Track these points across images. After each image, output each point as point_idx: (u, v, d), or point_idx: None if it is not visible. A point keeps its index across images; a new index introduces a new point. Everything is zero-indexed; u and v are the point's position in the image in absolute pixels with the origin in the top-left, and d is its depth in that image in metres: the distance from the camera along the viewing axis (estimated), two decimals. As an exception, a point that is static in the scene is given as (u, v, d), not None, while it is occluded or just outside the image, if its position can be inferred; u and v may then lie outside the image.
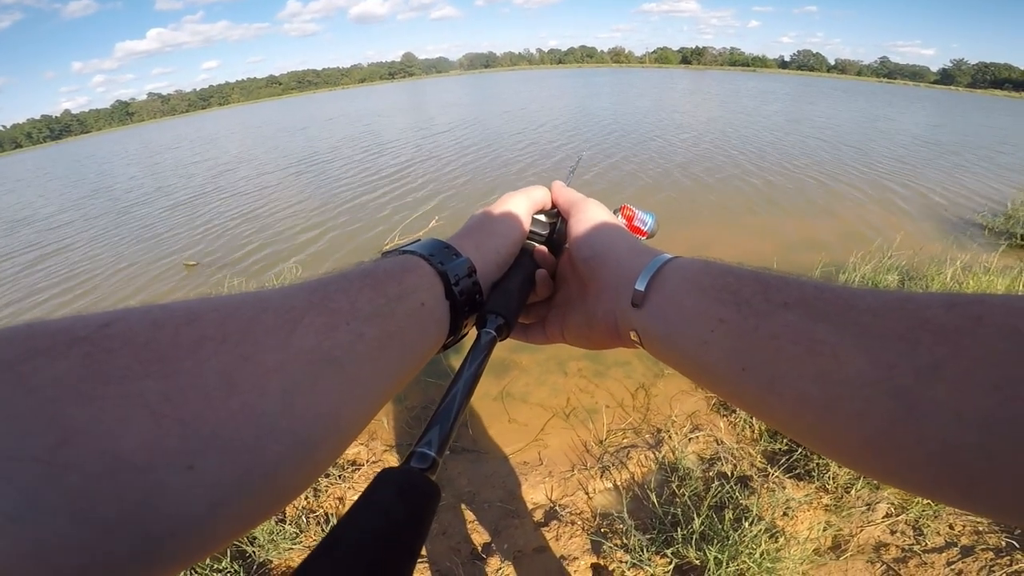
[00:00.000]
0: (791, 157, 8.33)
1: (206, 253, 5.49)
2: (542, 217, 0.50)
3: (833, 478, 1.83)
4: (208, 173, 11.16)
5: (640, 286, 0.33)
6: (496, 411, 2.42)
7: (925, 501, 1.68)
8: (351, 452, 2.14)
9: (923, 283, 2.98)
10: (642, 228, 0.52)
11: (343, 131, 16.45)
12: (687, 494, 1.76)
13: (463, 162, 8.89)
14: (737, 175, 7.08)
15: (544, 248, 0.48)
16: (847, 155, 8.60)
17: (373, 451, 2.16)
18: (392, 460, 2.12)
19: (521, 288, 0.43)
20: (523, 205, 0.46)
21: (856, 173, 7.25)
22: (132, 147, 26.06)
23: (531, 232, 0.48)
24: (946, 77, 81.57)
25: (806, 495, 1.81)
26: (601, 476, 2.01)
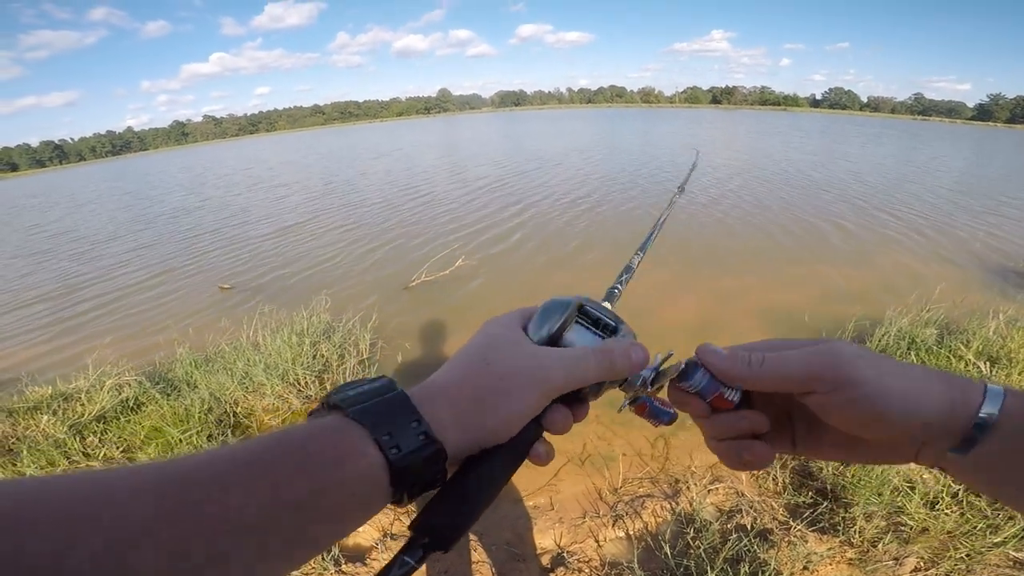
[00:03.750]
0: (828, 203, 8.17)
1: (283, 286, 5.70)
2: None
3: (859, 532, 1.74)
4: (298, 198, 11.05)
5: (958, 453, 0.30)
6: (509, 450, 2.39)
7: (958, 554, 1.61)
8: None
9: (964, 337, 2.84)
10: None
11: (428, 162, 15.84)
12: (702, 546, 1.70)
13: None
14: (772, 221, 6.97)
15: (563, 409, 0.34)
16: (884, 199, 8.40)
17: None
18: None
19: (493, 484, 0.30)
20: (548, 387, 0.32)
21: (895, 218, 7.06)
22: (203, 163, 27.00)
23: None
24: (983, 113, 78.31)
25: (829, 549, 1.73)
26: (613, 524, 1.96)
